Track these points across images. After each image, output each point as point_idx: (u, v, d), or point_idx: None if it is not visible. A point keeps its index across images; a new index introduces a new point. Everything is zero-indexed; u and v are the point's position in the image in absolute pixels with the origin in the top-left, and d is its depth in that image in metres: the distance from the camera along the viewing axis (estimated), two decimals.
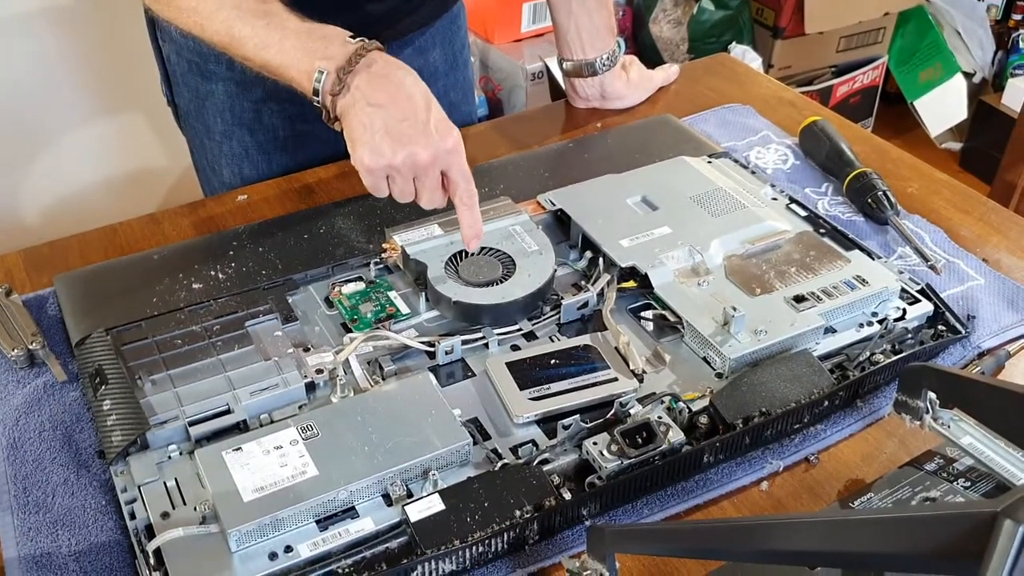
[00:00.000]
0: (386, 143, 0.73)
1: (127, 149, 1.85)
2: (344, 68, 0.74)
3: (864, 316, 0.80)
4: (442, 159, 0.75)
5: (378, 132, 0.74)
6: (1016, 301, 0.85)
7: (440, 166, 0.75)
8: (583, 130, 1.12)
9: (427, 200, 0.78)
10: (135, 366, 0.73)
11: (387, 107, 0.74)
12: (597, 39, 1.10)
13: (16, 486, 0.68)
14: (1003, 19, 2.55)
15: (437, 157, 0.74)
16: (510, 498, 0.64)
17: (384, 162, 0.74)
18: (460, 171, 0.76)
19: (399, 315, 0.80)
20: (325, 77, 0.75)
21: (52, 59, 1.69)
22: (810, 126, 1.05)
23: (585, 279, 0.85)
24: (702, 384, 0.74)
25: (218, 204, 0.99)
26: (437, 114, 0.75)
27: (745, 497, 0.69)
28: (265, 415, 0.71)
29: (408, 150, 0.73)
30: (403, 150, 0.73)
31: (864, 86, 2.39)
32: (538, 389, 0.72)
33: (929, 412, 0.66)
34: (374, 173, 0.75)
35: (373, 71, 0.75)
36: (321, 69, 0.75)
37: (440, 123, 0.75)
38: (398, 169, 0.74)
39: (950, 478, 0.67)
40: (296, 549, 0.61)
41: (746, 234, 0.86)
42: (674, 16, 2.08)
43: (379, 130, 0.74)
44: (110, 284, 0.83)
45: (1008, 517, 0.36)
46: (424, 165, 0.74)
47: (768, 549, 0.47)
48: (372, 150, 0.74)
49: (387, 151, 0.73)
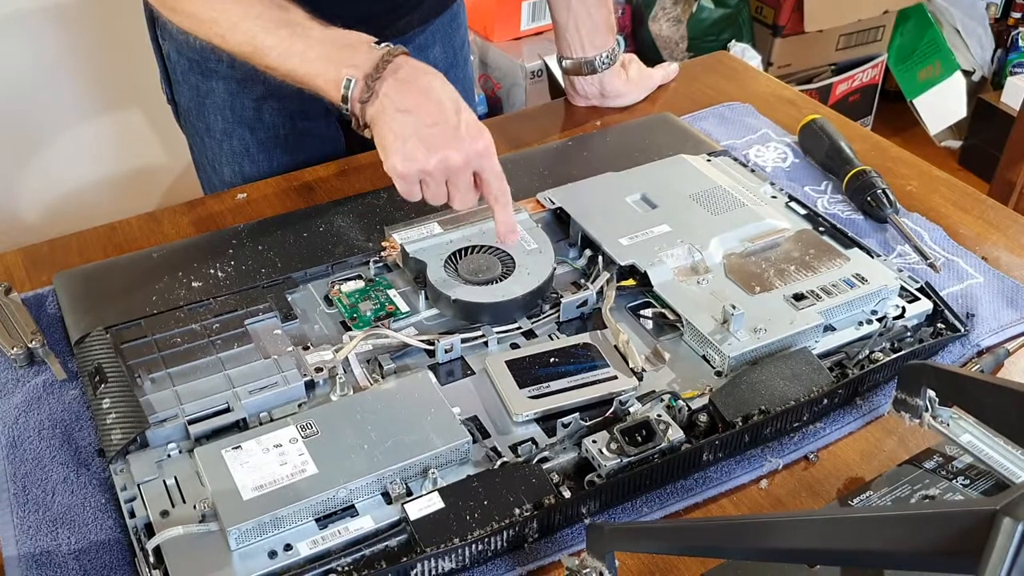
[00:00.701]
0: (419, 149, 0.73)
1: (126, 147, 1.85)
2: (371, 75, 0.74)
3: (863, 314, 0.80)
4: (474, 161, 0.74)
5: (410, 139, 0.73)
6: (1015, 299, 0.85)
7: (473, 168, 0.75)
8: (582, 128, 1.12)
9: (460, 201, 0.77)
10: (135, 364, 0.73)
11: (417, 112, 0.73)
12: (597, 37, 1.10)
13: (16, 484, 0.68)
14: (1002, 17, 2.55)
15: (469, 160, 0.74)
16: (510, 496, 0.64)
17: (417, 167, 0.73)
18: (493, 171, 0.76)
19: (398, 313, 0.80)
20: (353, 85, 0.74)
21: (51, 57, 1.69)
22: (809, 124, 1.05)
23: (584, 277, 0.85)
24: (701, 382, 0.75)
25: (217, 202, 0.99)
26: (467, 116, 0.75)
27: (744, 495, 0.69)
28: (264, 413, 0.71)
29: (441, 154, 0.73)
30: (435, 155, 0.73)
31: (863, 84, 2.40)
32: (537, 387, 0.72)
33: (928, 410, 0.66)
34: (407, 179, 0.74)
35: (400, 76, 0.74)
36: (349, 77, 0.74)
37: (470, 125, 0.74)
38: (431, 174, 0.74)
39: (949, 476, 0.67)
40: (296, 547, 0.61)
41: (745, 232, 0.86)
42: (673, 14, 2.08)
43: (410, 136, 0.73)
44: (109, 282, 0.83)
45: (1007, 515, 0.36)
46: (457, 168, 0.74)
47: (767, 547, 0.47)
48: (404, 156, 0.73)
49: (420, 156, 0.73)
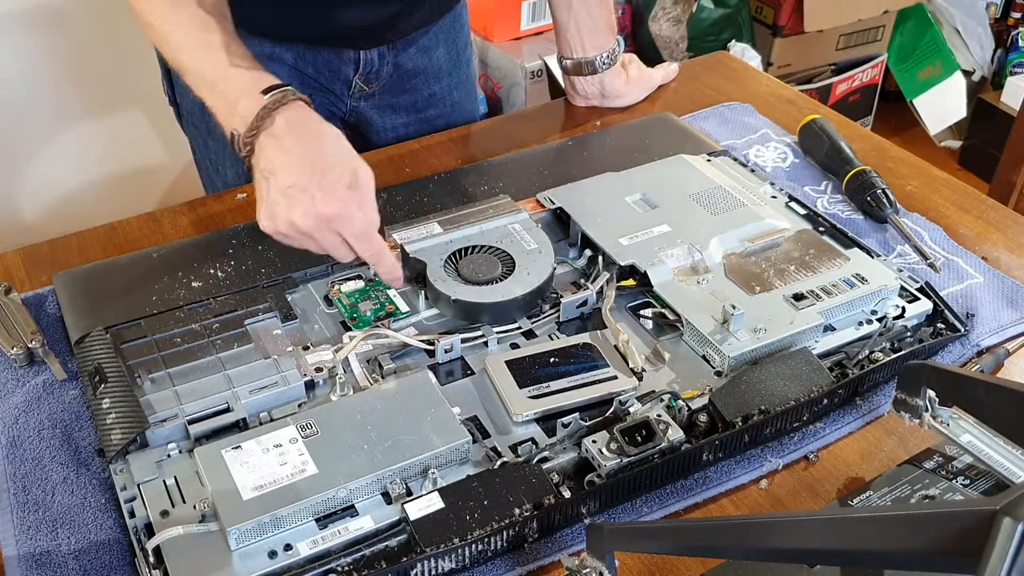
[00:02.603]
0: (275, 211, 0.73)
1: (126, 147, 1.85)
2: (248, 131, 0.73)
3: (863, 314, 0.80)
4: (325, 225, 0.72)
5: (267, 201, 0.73)
6: (1015, 299, 0.85)
7: (330, 229, 0.73)
8: (582, 128, 1.12)
9: (338, 256, 0.76)
10: (134, 364, 0.73)
11: (276, 175, 0.72)
12: (597, 36, 1.10)
13: (16, 484, 0.68)
14: (1002, 17, 2.55)
15: (319, 223, 0.72)
16: (509, 496, 0.64)
17: (273, 228, 0.73)
18: (352, 234, 0.73)
19: (398, 313, 0.80)
20: (238, 139, 0.74)
21: (51, 57, 1.69)
22: (809, 124, 1.05)
23: (584, 277, 0.85)
24: (701, 382, 0.75)
25: (217, 202, 0.99)
26: (332, 178, 0.72)
27: (744, 495, 0.69)
28: (264, 413, 0.71)
29: (287, 218, 0.72)
30: (282, 219, 0.72)
31: (863, 84, 2.39)
32: (537, 387, 0.72)
33: (928, 410, 0.66)
34: (274, 236, 0.74)
35: (272, 132, 0.73)
36: (233, 131, 0.75)
37: (329, 187, 0.72)
38: (286, 235, 0.74)
39: (949, 476, 0.67)
40: (295, 547, 0.61)
41: (745, 232, 0.86)
42: (673, 14, 2.08)
43: (266, 199, 0.73)
44: (109, 282, 0.83)
45: (1007, 515, 0.36)
46: (308, 230, 0.72)
47: (767, 547, 0.47)
48: (264, 215, 0.74)
49: (274, 218, 0.73)
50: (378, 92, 1.09)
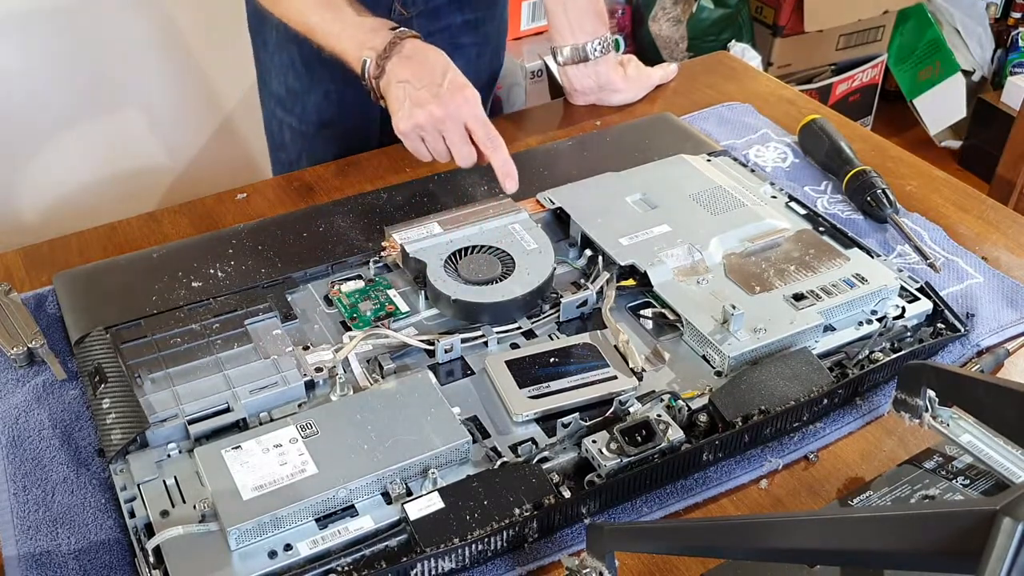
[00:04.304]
0: (412, 109, 0.88)
1: (126, 147, 1.85)
2: (382, 55, 0.90)
3: (863, 314, 0.80)
4: (455, 112, 0.87)
5: (405, 101, 0.89)
6: (1015, 299, 0.85)
7: (457, 118, 0.88)
8: (582, 128, 1.12)
9: (458, 155, 0.89)
10: (134, 364, 0.73)
11: (411, 81, 0.89)
12: (586, 21, 1.11)
13: (16, 484, 0.68)
14: (1002, 17, 2.55)
15: (450, 111, 0.87)
16: (509, 496, 0.64)
17: (412, 123, 0.88)
18: (475, 119, 0.88)
19: (398, 313, 0.80)
20: (369, 64, 0.91)
21: (51, 57, 1.68)
22: (809, 124, 1.05)
23: (584, 277, 0.85)
24: (701, 382, 0.75)
25: (217, 202, 0.99)
26: (452, 76, 0.89)
27: (744, 495, 0.69)
28: (264, 413, 0.71)
29: (426, 109, 0.88)
30: (422, 111, 0.88)
31: (863, 84, 2.39)
32: (537, 387, 0.72)
33: (928, 410, 0.66)
34: (408, 136, 0.90)
35: (403, 54, 0.90)
36: (365, 58, 0.91)
37: (452, 84, 0.88)
38: (423, 128, 0.88)
39: (949, 476, 0.67)
40: (295, 547, 0.61)
41: (745, 232, 0.86)
42: (673, 14, 2.08)
43: (405, 100, 0.89)
44: (109, 282, 0.83)
45: (1007, 515, 0.36)
46: (441, 118, 0.87)
47: (767, 547, 0.47)
48: (401, 117, 0.89)
49: (412, 115, 0.88)
50: (414, 17, 1.11)
